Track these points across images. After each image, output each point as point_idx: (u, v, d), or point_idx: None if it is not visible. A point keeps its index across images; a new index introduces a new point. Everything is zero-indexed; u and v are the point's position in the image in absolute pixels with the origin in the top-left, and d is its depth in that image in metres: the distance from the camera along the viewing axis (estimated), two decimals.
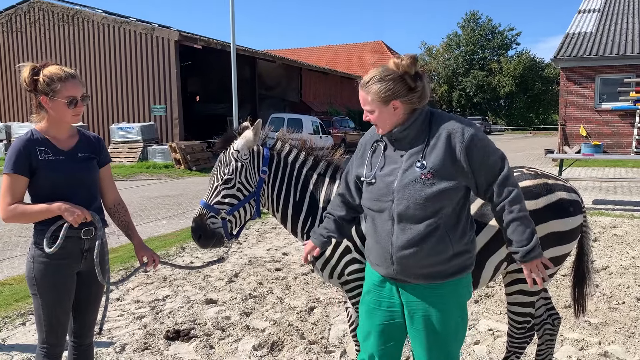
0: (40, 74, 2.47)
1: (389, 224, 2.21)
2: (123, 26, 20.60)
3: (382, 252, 2.25)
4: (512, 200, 2.15)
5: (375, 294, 2.36)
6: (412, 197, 2.13)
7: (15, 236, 8.02)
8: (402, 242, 2.17)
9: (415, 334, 2.28)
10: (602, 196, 10.94)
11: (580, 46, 19.76)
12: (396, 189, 2.17)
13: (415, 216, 2.15)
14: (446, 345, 2.26)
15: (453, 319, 2.25)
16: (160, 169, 17.71)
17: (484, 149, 2.15)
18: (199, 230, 2.73)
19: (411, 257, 2.17)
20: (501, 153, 2.20)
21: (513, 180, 2.18)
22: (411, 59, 2.16)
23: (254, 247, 7.24)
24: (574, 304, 3.27)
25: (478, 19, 57.80)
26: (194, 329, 4.36)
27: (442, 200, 2.13)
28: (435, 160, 2.12)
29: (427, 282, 2.22)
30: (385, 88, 2.15)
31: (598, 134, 18.82)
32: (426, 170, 2.12)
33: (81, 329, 2.74)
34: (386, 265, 2.25)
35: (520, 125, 51.35)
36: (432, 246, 2.16)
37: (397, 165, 2.21)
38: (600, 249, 6.78)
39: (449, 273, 2.21)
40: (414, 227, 2.16)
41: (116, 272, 5.90)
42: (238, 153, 2.75)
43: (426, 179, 2.12)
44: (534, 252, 2.15)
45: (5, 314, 4.76)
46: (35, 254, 2.53)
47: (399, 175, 2.18)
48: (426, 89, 2.21)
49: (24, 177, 2.47)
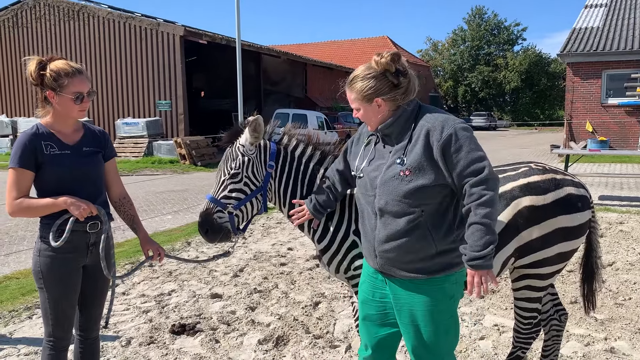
0: (47, 68, 2.47)
1: (373, 218, 2.25)
2: (128, 21, 20.60)
3: (367, 246, 2.32)
4: (481, 203, 2.03)
5: (369, 284, 2.41)
6: (390, 193, 2.15)
7: (21, 230, 8.06)
8: (383, 236, 2.21)
9: (403, 327, 2.30)
10: (608, 192, 10.89)
11: (587, 41, 19.63)
12: (378, 184, 2.20)
13: (395, 212, 2.16)
14: (435, 341, 2.23)
15: (440, 315, 2.23)
16: (166, 164, 17.75)
17: (461, 148, 2.06)
18: (206, 225, 2.73)
19: (392, 251, 2.20)
20: (481, 155, 2.08)
21: (491, 185, 2.05)
22: (391, 56, 2.15)
23: (259, 242, 7.25)
24: (584, 300, 3.26)
25: (484, 14, 57.53)
26: (199, 323, 4.37)
27: (421, 197, 2.11)
28: (414, 157, 2.11)
29: (410, 277, 2.22)
30: (367, 86, 2.17)
31: (604, 130, 18.70)
32: (405, 167, 2.12)
33: (87, 323, 2.75)
34: (372, 258, 2.31)
35: (525, 121, 51.11)
36: (413, 243, 2.16)
37: (384, 160, 2.23)
38: (606, 245, 6.75)
39: (433, 270, 2.20)
40: (394, 222, 2.18)
41: (122, 266, 5.92)
42: (244, 147, 2.75)
43: (404, 176, 2.12)
44: (483, 261, 2.02)
45: (12, 307, 4.79)
46: (42, 248, 2.54)
47: (383, 170, 2.20)
48: (411, 85, 2.19)
49: (29, 172, 2.47)
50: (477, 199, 2.04)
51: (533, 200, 2.75)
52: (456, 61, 57.43)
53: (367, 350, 2.43)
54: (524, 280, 2.88)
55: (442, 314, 2.23)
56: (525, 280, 2.88)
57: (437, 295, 2.22)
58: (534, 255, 2.78)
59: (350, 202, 2.78)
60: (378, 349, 2.40)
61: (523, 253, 2.78)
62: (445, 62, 58.27)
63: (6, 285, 5.41)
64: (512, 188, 2.78)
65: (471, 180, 2.06)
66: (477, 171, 2.06)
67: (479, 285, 2.06)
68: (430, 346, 2.25)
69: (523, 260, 2.80)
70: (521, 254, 2.79)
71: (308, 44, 49.51)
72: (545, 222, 2.74)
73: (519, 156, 18.93)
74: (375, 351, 2.41)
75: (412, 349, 2.29)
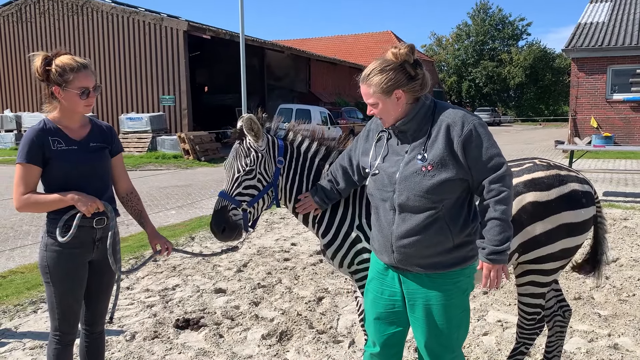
0: (53, 64, 2.47)
1: (391, 214, 2.25)
2: (132, 16, 20.61)
3: (384, 241, 2.30)
4: (500, 200, 2.11)
5: (379, 282, 2.40)
6: (412, 189, 2.16)
7: (26, 225, 8.10)
8: (402, 231, 2.21)
9: (416, 322, 2.31)
10: (612, 188, 10.87)
11: (592, 36, 19.54)
12: (398, 181, 2.20)
13: (416, 207, 2.17)
14: (448, 335, 2.27)
15: (454, 310, 2.26)
16: (169, 159, 17.78)
17: (482, 144, 2.12)
18: (223, 223, 2.67)
19: (411, 246, 2.20)
20: (499, 151, 2.16)
21: (508, 182, 2.14)
22: (409, 48, 2.18)
23: (263, 237, 7.27)
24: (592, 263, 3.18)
25: (488, 9, 57.34)
26: (203, 317, 4.39)
27: (443, 192, 2.14)
28: (436, 153, 2.14)
29: (428, 271, 2.24)
30: (386, 79, 2.16)
31: (609, 126, 18.65)
32: (427, 163, 2.14)
33: (93, 317, 2.77)
34: (387, 253, 2.29)
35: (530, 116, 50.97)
36: (432, 236, 2.18)
37: (400, 156, 2.23)
38: (610, 241, 6.73)
39: (449, 264, 2.23)
40: (414, 217, 2.19)
41: (126, 261, 5.94)
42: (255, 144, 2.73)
43: (427, 172, 2.14)
44: (502, 256, 2.11)
45: (17, 301, 4.82)
46: (48, 243, 2.55)
47: (401, 167, 2.20)
48: (426, 77, 2.22)
49: (37, 167, 2.48)
50: (496, 195, 2.12)
51: (537, 196, 2.74)
52: (460, 56, 57.28)
53: (375, 347, 2.43)
54: (528, 276, 2.89)
55: (456, 308, 2.27)
56: (529, 276, 2.88)
57: (452, 289, 2.25)
58: (537, 251, 2.78)
59: (354, 197, 2.78)
60: (386, 346, 2.40)
61: (527, 249, 2.78)
62: (449, 57, 58.11)
63: (11, 280, 5.44)
64: (516, 184, 2.78)
65: (490, 177, 2.13)
66: (496, 167, 2.13)
67: (495, 279, 2.14)
68: (444, 340, 2.27)
69: (527, 256, 2.80)
70: (525, 250, 2.79)
71: (311, 39, 49.42)
72: (549, 218, 2.74)
73: (523, 152, 18.89)
74: (384, 348, 2.41)
75: (425, 343, 2.29)
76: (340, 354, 3.76)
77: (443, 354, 2.30)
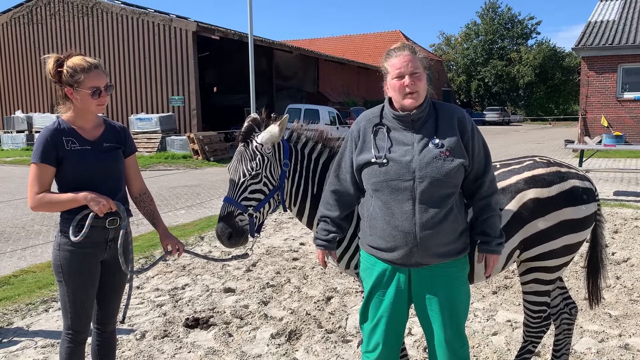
0: (64, 65, 2.51)
1: (409, 204, 2.21)
2: (141, 17, 20.72)
3: (400, 235, 2.23)
4: (493, 193, 2.37)
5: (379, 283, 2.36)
6: (435, 175, 2.20)
7: (37, 225, 8.18)
8: (425, 220, 2.21)
9: (433, 314, 2.31)
10: (623, 187, 10.77)
11: (603, 35, 19.39)
12: (417, 168, 2.21)
13: (437, 194, 2.22)
14: (458, 320, 2.35)
15: (462, 297, 2.36)
16: (179, 159, 17.86)
17: (480, 140, 2.36)
18: (230, 229, 2.65)
19: (433, 236, 2.22)
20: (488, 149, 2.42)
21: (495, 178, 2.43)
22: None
23: (272, 237, 7.29)
24: (589, 295, 3.26)
25: (497, 8, 57.04)
26: (212, 317, 4.41)
27: (458, 176, 2.26)
28: (451, 139, 2.25)
29: (440, 261, 2.29)
30: (424, 57, 2.32)
31: (620, 125, 18.49)
32: (444, 149, 2.23)
33: (105, 317, 2.80)
34: (405, 248, 2.23)
35: (539, 115, 50.64)
36: (450, 224, 2.25)
37: (409, 146, 2.25)
38: (621, 240, 6.69)
39: (458, 251, 2.33)
40: (435, 204, 2.23)
41: (136, 261, 5.99)
42: (262, 147, 2.67)
43: (445, 156, 2.22)
44: (501, 246, 2.39)
45: (29, 300, 4.87)
46: (62, 242, 2.58)
47: (416, 154, 2.22)
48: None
49: (51, 167, 2.51)
50: (494, 192, 2.38)
51: (538, 193, 2.74)
52: (469, 55, 57.02)
53: (377, 349, 2.39)
54: (532, 274, 2.88)
55: (463, 294, 2.38)
56: (532, 273, 2.88)
57: (460, 276, 2.36)
58: (539, 247, 2.78)
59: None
60: (387, 346, 2.39)
61: (528, 245, 2.78)
62: (458, 57, 57.87)
63: (23, 279, 5.50)
64: (516, 181, 2.78)
65: (485, 172, 2.35)
66: (488, 164, 2.37)
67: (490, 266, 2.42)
68: (455, 327, 2.32)
69: (529, 253, 2.80)
70: (526, 247, 2.78)
71: (320, 39, 49.44)
72: (551, 215, 2.73)
73: (533, 151, 18.78)
74: (385, 349, 2.39)
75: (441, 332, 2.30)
76: (349, 354, 3.77)
77: (457, 346, 2.32)
